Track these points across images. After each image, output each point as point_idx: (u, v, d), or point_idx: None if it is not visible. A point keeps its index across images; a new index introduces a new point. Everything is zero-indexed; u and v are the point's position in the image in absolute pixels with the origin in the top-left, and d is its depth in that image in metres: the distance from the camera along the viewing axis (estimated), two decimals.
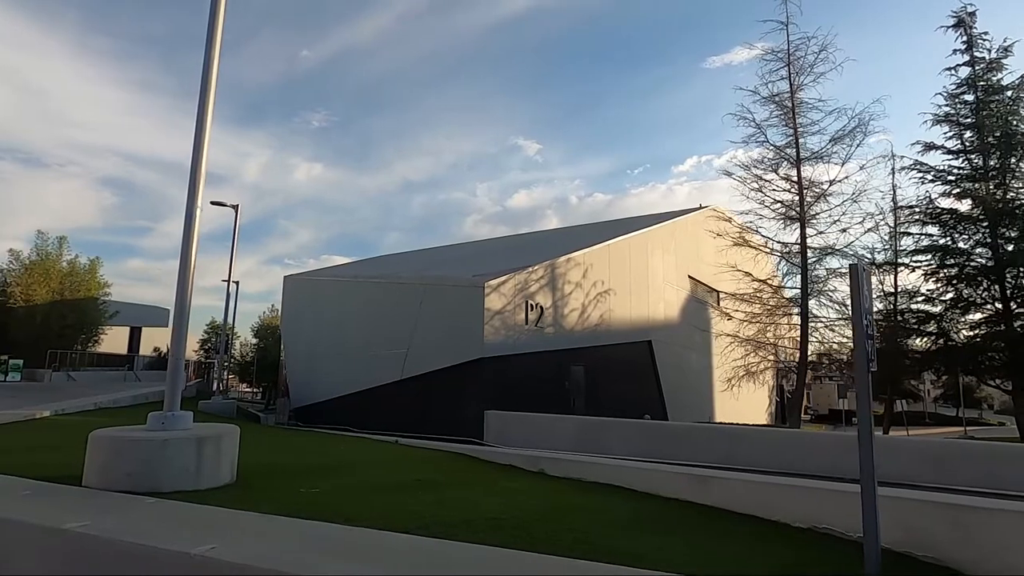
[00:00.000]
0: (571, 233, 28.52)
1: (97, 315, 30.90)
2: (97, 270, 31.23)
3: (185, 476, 3.62)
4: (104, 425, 9.74)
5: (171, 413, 3.87)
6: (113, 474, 3.47)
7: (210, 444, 3.78)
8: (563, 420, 11.16)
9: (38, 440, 6.40)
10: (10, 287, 28.17)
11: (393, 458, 6.49)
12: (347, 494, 3.95)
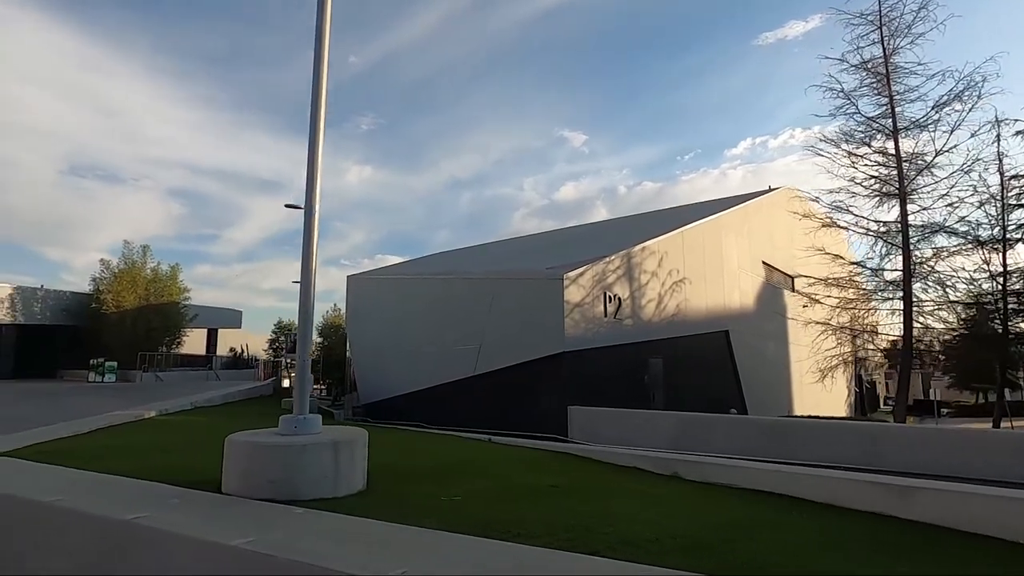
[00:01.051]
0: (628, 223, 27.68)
1: (179, 318, 32.61)
2: (177, 276, 32.94)
3: (323, 483, 3.43)
4: (207, 424, 10.10)
5: (302, 417, 3.70)
6: (255, 481, 3.31)
7: (345, 449, 3.58)
8: (659, 416, 10.64)
9: (159, 441, 6.53)
10: (102, 294, 30.09)
11: (502, 458, 6.23)
12: (488, 502, 3.67)
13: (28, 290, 29.22)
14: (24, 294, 28.91)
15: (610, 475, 5.08)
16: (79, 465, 4.33)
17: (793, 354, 24.51)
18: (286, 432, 3.71)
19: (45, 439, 6.03)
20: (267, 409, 15.81)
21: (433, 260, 32.26)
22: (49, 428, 7.09)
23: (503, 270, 16.68)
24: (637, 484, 4.58)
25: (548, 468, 5.33)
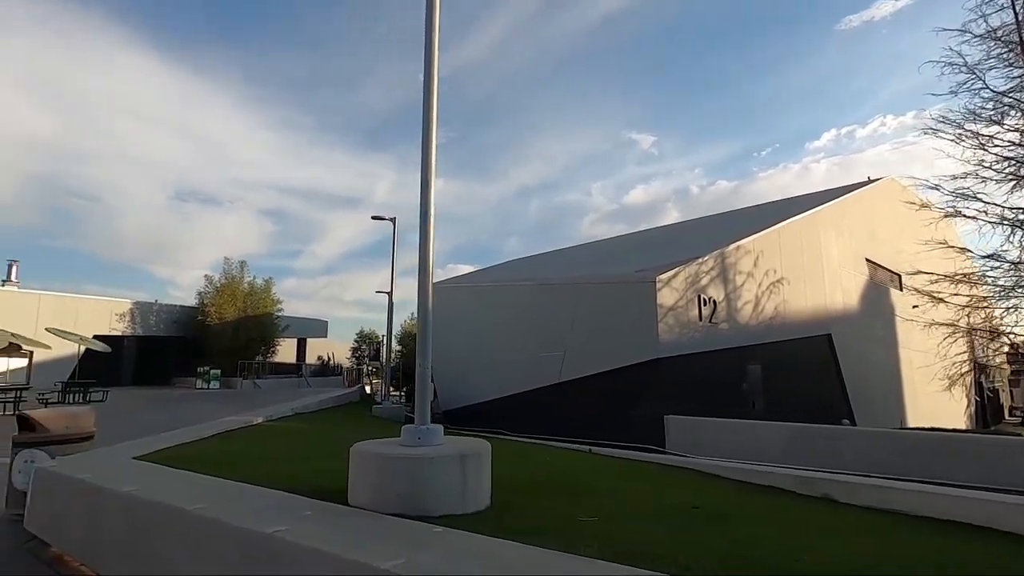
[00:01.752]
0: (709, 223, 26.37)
1: (273, 329, 34.68)
2: (271, 289, 35.12)
3: (452, 498, 3.25)
4: (312, 431, 10.46)
5: (425, 427, 3.55)
6: (384, 494, 3.18)
7: (472, 462, 3.39)
8: (770, 428, 9.85)
9: (273, 448, 6.74)
10: (207, 307, 32.54)
11: (615, 472, 5.88)
12: (632, 524, 3.34)
13: (144, 304, 32.11)
14: (141, 308, 31.79)
15: (747, 495, 4.59)
16: (209, 471, 4.43)
17: (904, 359, 22.30)
18: (409, 443, 3.58)
19: (172, 444, 6.34)
20: (360, 415, 16.31)
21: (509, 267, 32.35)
22: (173, 433, 7.50)
23: (587, 275, 16.27)
24: (789, 507, 4.08)
25: (673, 483, 4.93)
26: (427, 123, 3.89)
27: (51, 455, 5.42)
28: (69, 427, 5.64)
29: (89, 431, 5.84)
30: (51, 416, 5.57)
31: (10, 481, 5.46)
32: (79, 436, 5.71)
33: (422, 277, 3.78)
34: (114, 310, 30.26)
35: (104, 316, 29.47)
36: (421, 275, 3.76)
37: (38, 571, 4.31)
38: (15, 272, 30.31)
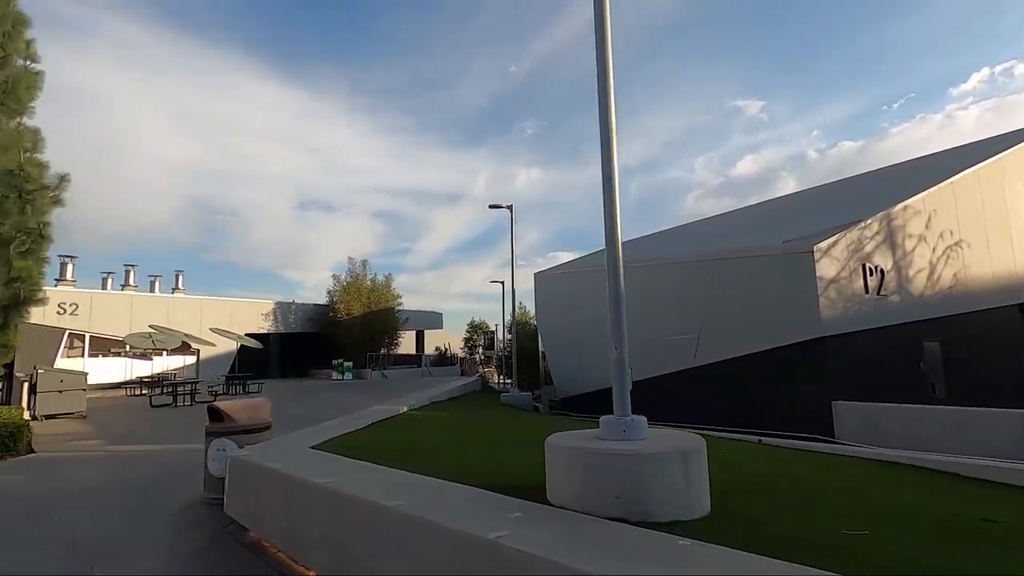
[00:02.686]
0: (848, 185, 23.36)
1: (395, 322, 36.56)
2: (390, 285, 37.05)
3: (676, 502, 2.78)
4: (458, 420, 10.59)
5: (629, 419, 3.09)
6: (596, 495, 2.78)
7: (694, 459, 2.90)
8: (995, 415, 8.28)
9: (434, 438, 6.75)
10: (336, 304, 35.01)
11: (816, 467, 5.10)
12: (928, 546, 2.66)
13: (284, 304, 35.23)
14: (281, 308, 34.91)
15: None
16: (388, 462, 4.33)
17: None
18: (612, 436, 3.15)
19: (339, 433, 6.52)
20: (492, 404, 16.49)
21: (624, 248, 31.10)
22: (333, 423, 7.78)
23: (725, 249, 15.01)
24: None
25: (905, 484, 4.10)
26: (603, 73, 3.40)
27: (239, 444, 5.75)
28: (251, 418, 5.96)
29: (267, 421, 6.15)
30: (236, 408, 5.91)
31: (206, 467, 5.88)
32: (259, 426, 6.02)
33: (611, 250, 3.32)
34: (260, 310, 33.53)
35: (253, 316, 32.77)
36: (609, 248, 3.31)
37: (240, 554, 4.50)
38: (181, 281, 34.65)
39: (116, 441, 10.68)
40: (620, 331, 3.32)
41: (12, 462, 8.86)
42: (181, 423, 13.28)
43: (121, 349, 26.53)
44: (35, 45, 13.25)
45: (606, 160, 3.45)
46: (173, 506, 5.91)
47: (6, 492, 6.81)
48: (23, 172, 11.21)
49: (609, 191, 3.43)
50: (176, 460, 8.60)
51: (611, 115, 3.50)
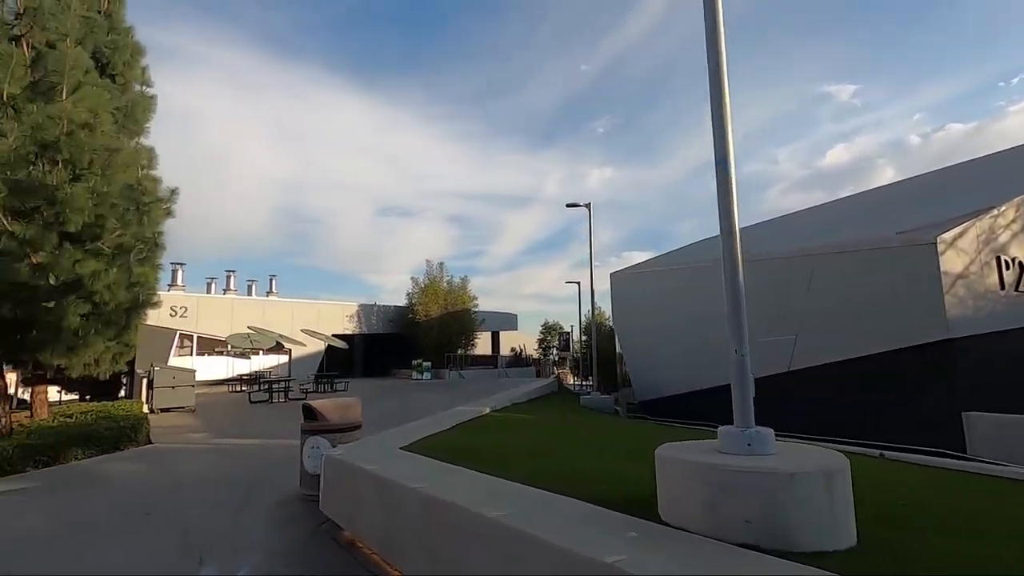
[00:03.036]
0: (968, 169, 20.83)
1: (471, 323, 37.07)
2: (467, 287, 37.63)
3: (820, 530, 2.39)
4: (544, 422, 10.44)
5: (755, 431, 2.72)
6: (722, 517, 2.44)
7: (839, 481, 2.49)
8: None
9: (524, 441, 6.60)
10: (415, 306, 36.00)
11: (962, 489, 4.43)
12: None
13: (367, 306, 36.70)
14: (364, 310, 36.38)
15: None
16: (480, 467, 4.18)
17: None
18: (735, 450, 2.80)
19: (427, 434, 6.50)
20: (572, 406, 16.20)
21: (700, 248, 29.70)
22: (420, 423, 7.80)
23: (826, 243, 13.83)
24: None
25: None
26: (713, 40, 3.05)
27: (332, 443, 5.85)
28: (343, 417, 6.06)
29: (358, 421, 6.23)
30: (329, 406, 6.02)
31: (301, 463, 6.04)
32: (351, 425, 6.10)
33: (727, 240, 2.96)
34: (344, 312, 35.13)
35: (338, 318, 34.38)
36: (726, 238, 2.95)
37: (336, 554, 4.53)
38: (275, 285, 37.01)
39: (221, 435, 11.41)
40: (741, 330, 2.95)
41: (133, 451, 9.66)
42: (276, 419, 14.02)
43: (223, 348, 28.70)
44: (149, 72, 14.50)
45: (719, 139, 3.10)
46: (272, 500, 6.11)
47: (128, 480, 7.38)
48: (141, 186, 12.26)
49: (724, 175, 3.07)
50: (274, 454, 9.00)
51: (724, 88, 3.14)
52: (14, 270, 8.04)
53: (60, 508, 5.98)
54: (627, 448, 6.67)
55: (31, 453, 8.21)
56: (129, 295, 10.53)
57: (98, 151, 9.87)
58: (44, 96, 9.58)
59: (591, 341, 30.19)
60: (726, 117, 3.11)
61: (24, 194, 8.41)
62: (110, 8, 13.23)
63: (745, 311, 2.99)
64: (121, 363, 13.98)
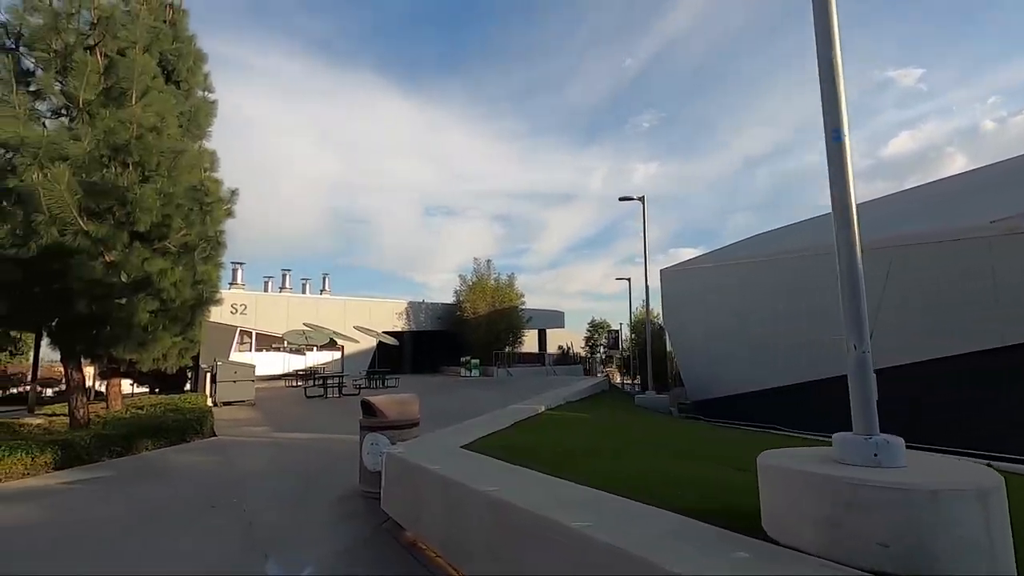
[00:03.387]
0: None
1: (518, 321, 36.91)
2: (514, 284, 37.49)
3: (973, 560, 2.01)
4: (600, 422, 10.15)
5: (880, 439, 2.34)
6: (850, 539, 2.09)
7: (995, 501, 2.08)
8: None
9: (585, 440, 6.34)
10: (462, 304, 36.15)
11: None
12: None
13: (415, 304, 37.14)
14: (413, 307, 36.83)
15: None
16: (544, 468, 3.93)
17: None
18: (858, 460, 2.43)
19: (486, 432, 6.32)
20: (626, 405, 15.77)
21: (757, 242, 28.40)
22: (476, 421, 7.64)
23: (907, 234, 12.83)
24: None
25: None
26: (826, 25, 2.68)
27: (391, 440, 5.74)
28: (401, 413, 5.95)
29: (416, 418, 6.10)
30: (387, 403, 5.92)
31: (361, 460, 5.96)
32: (409, 422, 5.98)
33: (841, 221, 2.59)
34: (394, 310, 35.68)
35: (388, 315, 34.95)
36: (840, 219, 2.58)
37: (397, 554, 4.39)
38: (327, 283, 38.00)
39: (280, 428, 11.65)
40: (860, 325, 2.58)
41: (198, 443, 9.96)
42: (331, 413, 14.24)
43: (280, 344, 29.65)
44: (211, 78, 15.02)
45: (831, 105, 2.73)
46: (332, 495, 6.08)
47: (194, 472, 7.56)
48: (204, 187, 12.68)
49: (837, 149, 2.70)
50: (331, 449, 9.06)
51: (834, 42, 2.77)
52: (89, 268, 8.39)
53: (132, 497, 6.14)
54: (699, 451, 6.28)
55: (106, 443, 8.55)
56: (194, 292, 10.87)
57: (165, 153, 10.20)
58: (115, 102, 9.98)
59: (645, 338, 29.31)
60: (838, 79, 2.74)
61: (98, 195, 8.76)
62: (175, 18, 13.76)
63: (864, 303, 2.61)
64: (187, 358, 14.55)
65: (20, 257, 8.50)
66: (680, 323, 28.12)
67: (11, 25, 9.71)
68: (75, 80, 9.41)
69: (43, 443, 7.78)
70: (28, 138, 8.47)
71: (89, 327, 9.46)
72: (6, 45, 9.71)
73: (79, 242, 8.31)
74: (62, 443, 7.93)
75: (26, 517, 5.52)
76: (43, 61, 9.50)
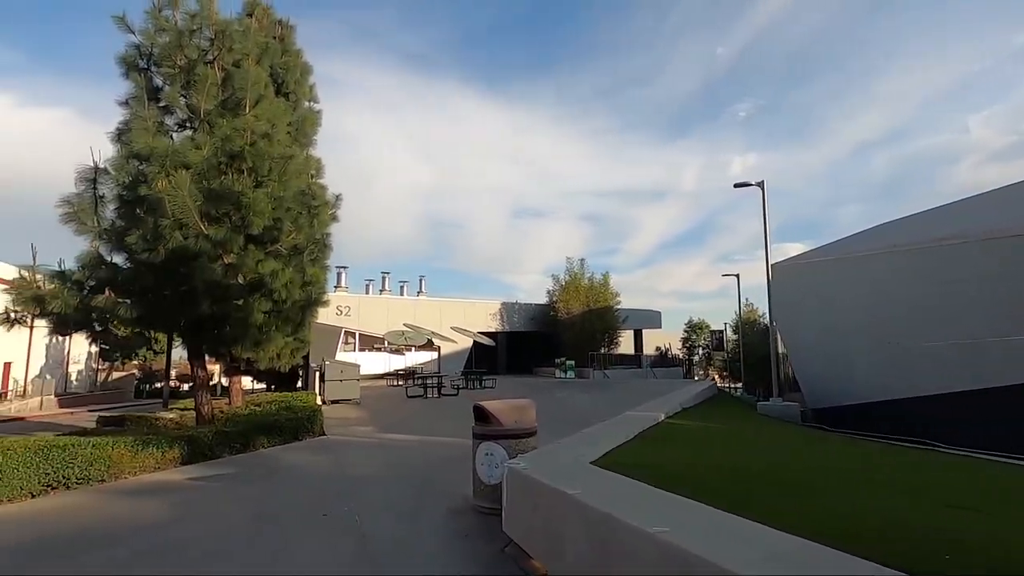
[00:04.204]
0: None
1: (614, 321, 35.62)
2: (608, 283, 36.23)
3: None
4: (729, 434, 9.10)
5: None
6: None
7: None
8: None
9: (727, 457, 5.44)
10: (556, 304, 35.49)
11: None
12: None
13: (509, 304, 37.03)
14: (506, 308, 36.74)
15: None
16: (715, 500, 3.12)
17: None
18: None
19: (611, 446, 5.61)
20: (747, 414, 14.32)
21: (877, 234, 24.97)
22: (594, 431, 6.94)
23: None
24: None
25: None
26: None
27: (508, 451, 5.18)
28: (518, 421, 5.37)
29: (533, 426, 5.50)
30: (502, 409, 5.37)
31: (474, 471, 5.45)
32: (526, 431, 5.39)
33: None
34: (488, 311, 35.78)
35: (482, 316, 35.10)
36: None
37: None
38: (424, 285, 38.97)
39: (385, 428, 11.62)
40: None
41: (309, 442, 10.09)
42: (432, 414, 14.14)
43: (381, 345, 30.66)
44: (316, 89, 15.53)
45: None
46: (444, 506, 5.63)
47: (307, 474, 7.49)
48: (311, 191, 13.04)
49: None
50: (436, 452, 8.75)
51: None
52: (210, 270, 8.68)
53: (249, 499, 6.07)
54: (896, 481, 5.10)
55: (227, 440, 8.81)
56: (303, 293, 11.10)
57: (276, 159, 10.46)
58: (231, 112, 10.37)
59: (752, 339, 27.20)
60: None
61: (216, 200, 9.08)
62: (283, 33, 14.36)
63: None
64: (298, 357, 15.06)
65: (152, 261, 9.00)
66: (795, 322, 25.57)
67: (144, 46, 10.37)
68: (197, 93, 9.87)
69: (171, 439, 8.10)
70: (156, 148, 8.93)
71: (212, 327, 9.87)
72: (139, 65, 10.39)
73: (200, 245, 8.61)
74: (188, 439, 8.23)
75: (154, 515, 5.57)
76: (169, 76, 10.06)
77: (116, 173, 9.35)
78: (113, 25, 10.05)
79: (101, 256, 9.53)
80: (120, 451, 7.30)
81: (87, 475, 6.90)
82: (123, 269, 9.51)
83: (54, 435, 8.46)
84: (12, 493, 6.25)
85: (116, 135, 10.15)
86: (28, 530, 5.20)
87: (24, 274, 9.21)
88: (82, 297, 9.15)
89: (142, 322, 10.01)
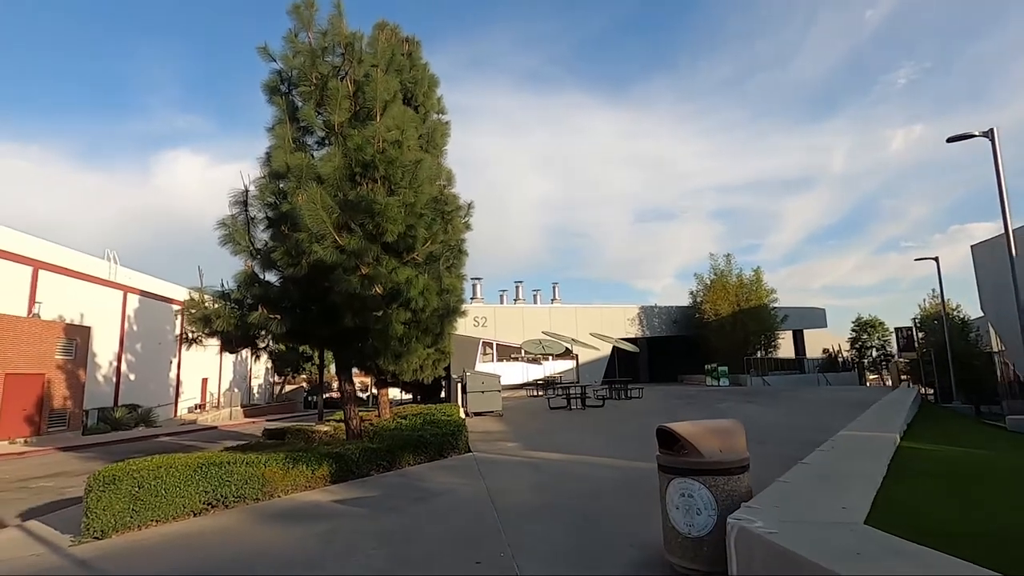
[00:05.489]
0: None
1: (770, 321, 31.68)
2: (761, 279, 32.35)
3: None
4: (997, 463, 6.64)
5: None
6: None
7: None
8: None
9: None
10: (701, 304, 32.48)
11: None
12: None
13: (648, 308, 34.74)
14: (646, 312, 34.48)
15: None
16: None
17: None
18: None
19: (862, 488, 3.89)
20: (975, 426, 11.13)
21: None
22: (821, 465, 5.19)
23: None
24: None
25: None
26: None
27: (714, 494, 3.78)
28: (725, 450, 3.93)
29: (745, 457, 4.02)
30: (699, 434, 3.98)
31: (665, 514, 4.11)
32: (736, 464, 3.93)
33: None
34: (626, 315, 33.84)
35: (620, 321, 33.26)
36: None
37: None
38: (557, 292, 38.16)
39: (532, 445, 10.64)
40: None
41: (455, 459, 9.40)
42: (577, 429, 12.93)
43: (518, 355, 30.25)
44: (444, 101, 15.34)
45: None
46: (625, 558, 4.37)
47: (455, 501, 6.66)
48: (443, 197, 12.65)
49: None
50: (594, 476, 7.51)
51: None
52: (347, 281, 8.39)
53: (396, 534, 5.33)
54: None
55: (373, 457, 8.41)
56: (441, 302, 10.58)
57: (407, 166, 10.11)
58: (363, 123, 10.21)
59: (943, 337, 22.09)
60: None
61: (350, 211, 8.82)
62: (410, 48, 14.36)
63: None
64: (440, 368, 14.68)
65: (296, 276, 8.98)
66: (1009, 312, 20.31)
67: (284, 71, 10.65)
68: (329, 107, 9.84)
69: (321, 456, 7.84)
70: (292, 164, 8.93)
71: (354, 340, 9.68)
72: (280, 89, 10.69)
73: (336, 257, 8.36)
74: (336, 456, 7.92)
75: (296, 550, 5.03)
76: (305, 95, 10.17)
77: (261, 193, 9.55)
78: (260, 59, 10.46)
79: (255, 274, 9.80)
80: (272, 469, 7.12)
81: (242, 493, 6.75)
82: (273, 286, 9.68)
83: (220, 450, 8.66)
84: (176, 511, 6.21)
85: (265, 159, 10.51)
86: (188, 555, 4.90)
87: (193, 296, 9.72)
88: (240, 315, 9.42)
89: (293, 336, 10.14)
